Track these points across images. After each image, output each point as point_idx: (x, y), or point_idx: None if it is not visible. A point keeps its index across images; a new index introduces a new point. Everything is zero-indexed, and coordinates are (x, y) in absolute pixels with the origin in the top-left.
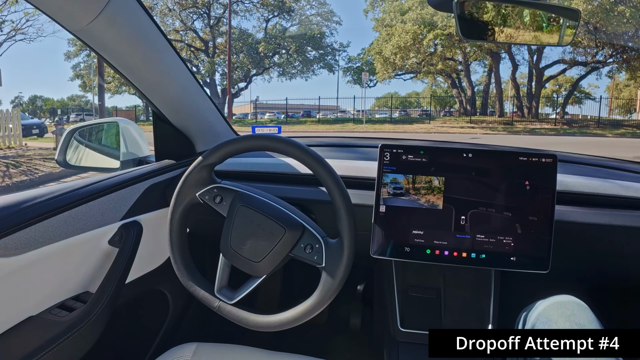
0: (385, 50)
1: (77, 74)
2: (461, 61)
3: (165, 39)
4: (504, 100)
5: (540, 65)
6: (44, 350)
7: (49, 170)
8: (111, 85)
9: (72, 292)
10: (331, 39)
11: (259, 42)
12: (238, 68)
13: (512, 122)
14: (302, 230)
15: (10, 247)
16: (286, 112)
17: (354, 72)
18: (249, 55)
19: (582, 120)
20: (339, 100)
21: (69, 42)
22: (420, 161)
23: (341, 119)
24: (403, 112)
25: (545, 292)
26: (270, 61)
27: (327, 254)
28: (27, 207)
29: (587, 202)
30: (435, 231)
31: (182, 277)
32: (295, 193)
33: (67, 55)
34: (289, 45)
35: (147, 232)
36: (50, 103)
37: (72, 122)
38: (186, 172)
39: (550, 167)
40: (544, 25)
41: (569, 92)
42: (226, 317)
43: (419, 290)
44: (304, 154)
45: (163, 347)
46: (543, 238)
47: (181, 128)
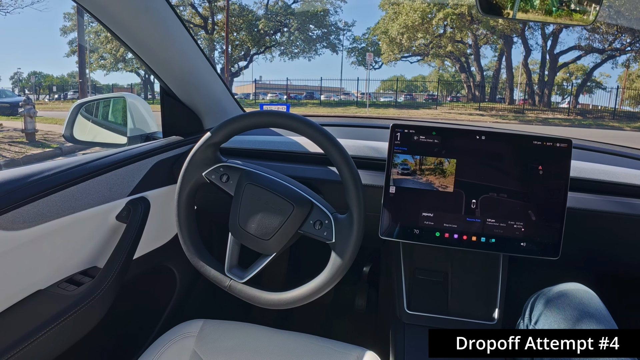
0: (392, 29)
1: (73, 50)
2: (471, 44)
3: (173, 12)
4: (513, 87)
5: (555, 51)
6: (53, 323)
7: (11, 155)
8: (107, 62)
9: (80, 267)
10: (335, 17)
11: (260, 19)
12: (238, 46)
13: (524, 110)
14: (310, 206)
15: (18, 220)
16: (287, 92)
17: (358, 52)
18: (249, 32)
19: (595, 110)
20: (343, 82)
21: (65, 16)
22: (432, 142)
23: (345, 101)
24: (409, 97)
25: (553, 279)
26: (271, 39)
27: (336, 229)
28: (34, 180)
29: (601, 189)
30: (445, 214)
31: (192, 258)
32: (304, 172)
33: (63, 31)
34: (290, 22)
35: (154, 208)
36: (50, 79)
37: (70, 99)
38: (191, 152)
39: (565, 152)
40: (566, 2)
41: (583, 81)
42: (237, 296)
43: (426, 273)
44: (308, 128)
45: (170, 323)
46: (554, 224)
47: (189, 104)
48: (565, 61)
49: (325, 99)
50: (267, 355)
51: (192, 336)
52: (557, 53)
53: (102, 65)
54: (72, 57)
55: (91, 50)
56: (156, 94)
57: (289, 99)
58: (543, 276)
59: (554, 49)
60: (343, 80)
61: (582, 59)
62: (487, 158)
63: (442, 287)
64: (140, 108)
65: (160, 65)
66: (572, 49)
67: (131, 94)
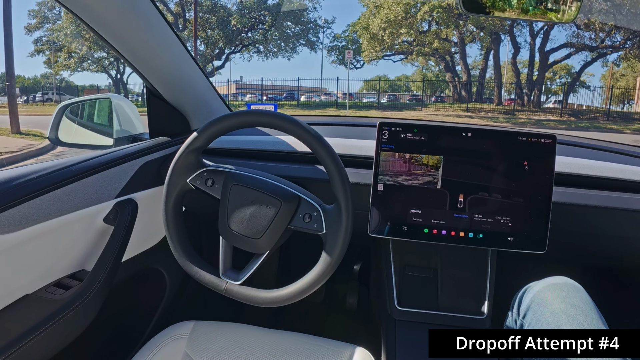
0: (373, 24)
1: (37, 49)
2: (456, 42)
3: (158, 12)
4: (502, 87)
5: (545, 48)
6: (41, 328)
7: None
8: (71, 62)
9: (68, 270)
10: (314, 14)
11: (232, 15)
12: (211, 45)
13: (514, 111)
14: (298, 200)
15: (3, 224)
16: (261, 92)
17: (339, 51)
18: (222, 30)
19: (587, 110)
20: (324, 82)
21: (29, 14)
22: (419, 139)
23: (325, 102)
24: (392, 97)
25: (541, 273)
26: (245, 37)
27: (326, 219)
28: (19, 183)
29: (586, 184)
30: (433, 210)
31: (185, 265)
32: (292, 171)
33: (27, 29)
34: (265, 19)
35: (142, 210)
36: (21, 80)
37: (39, 102)
38: (173, 160)
39: (549, 147)
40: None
41: (573, 80)
42: (235, 298)
43: (416, 270)
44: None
45: (161, 325)
46: (540, 218)
47: (175, 104)
48: (555, 59)
49: (306, 99)
50: (259, 355)
51: (183, 338)
52: (548, 51)
53: (66, 66)
54: (37, 57)
55: (57, 50)
56: (129, 95)
57: (267, 100)
58: (531, 270)
59: (545, 47)
60: (324, 80)
61: (572, 57)
62: (473, 155)
63: (432, 283)
64: (126, 109)
65: (146, 66)
66: (563, 47)
67: (116, 95)
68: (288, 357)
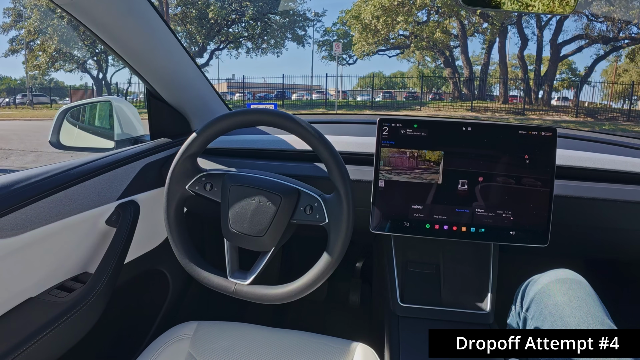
0: (365, 12)
1: (11, 48)
2: (457, 35)
3: (156, 13)
4: (508, 83)
5: (558, 40)
6: (45, 331)
7: None
8: (41, 62)
9: (71, 273)
10: (303, 6)
11: (209, 7)
12: (188, 39)
13: (524, 111)
14: (297, 193)
15: (6, 228)
16: (243, 90)
17: (330, 46)
18: (199, 23)
19: (604, 109)
20: (315, 79)
21: (4, 12)
22: (419, 135)
23: (317, 101)
24: (387, 95)
25: (543, 266)
26: (227, 32)
27: (327, 209)
28: (21, 187)
29: (587, 176)
30: (435, 206)
31: (192, 270)
32: (291, 169)
33: (2, 28)
34: (247, 11)
35: (144, 211)
36: (7, 82)
37: (20, 104)
38: (170, 168)
39: (550, 140)
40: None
41: (585, 75)
42: (246, 298)
43: (418, 266)
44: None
45: (164, 326)
46: (542, 212)
47: (175, 106)
48: (564, 53)
49: (298, 98)
50: (262, 354)
51: (186, 338)
52: (560, 43)
53: (37, 67)
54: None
55: (29, 49)
56: (115, 94)
57: (254, 99)
58: (534, 264)
59: (557, 39)
60: (315, 77)
61: (582, 50)
62: (473, 149)
63: (434, 279)
64: (127, 111)
65: (146, 68)
66: (575, 39)
67: (116, 98)
68: (291, 355)
